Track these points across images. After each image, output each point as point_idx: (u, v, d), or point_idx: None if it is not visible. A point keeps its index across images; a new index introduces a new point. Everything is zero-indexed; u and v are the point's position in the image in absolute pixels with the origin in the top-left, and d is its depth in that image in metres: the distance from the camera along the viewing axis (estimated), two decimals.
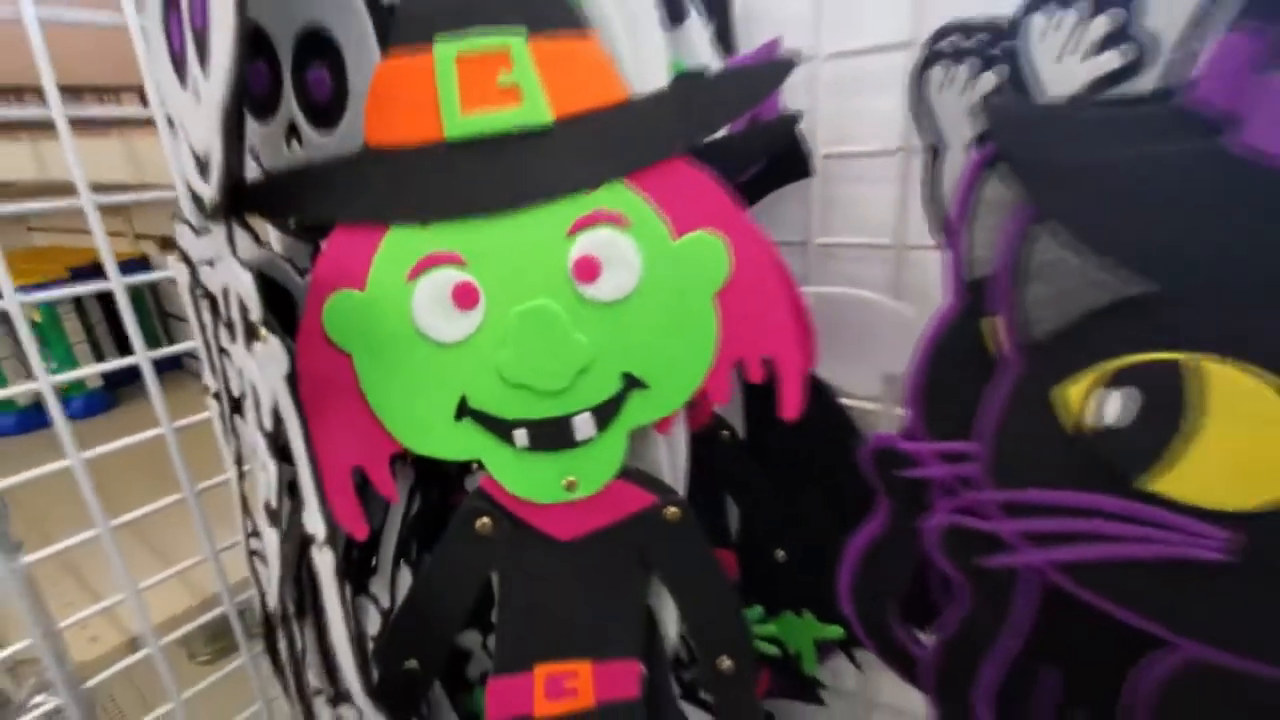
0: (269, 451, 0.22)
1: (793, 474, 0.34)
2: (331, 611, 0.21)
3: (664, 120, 0.23)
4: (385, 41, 0.22)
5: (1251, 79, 0.17)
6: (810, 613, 0.37)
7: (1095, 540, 0.20)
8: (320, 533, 0.21)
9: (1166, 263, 0.18)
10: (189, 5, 0.20)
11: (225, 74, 0.18)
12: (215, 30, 0.18)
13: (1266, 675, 0.19)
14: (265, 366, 0.20)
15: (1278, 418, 0.17)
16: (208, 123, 0.20)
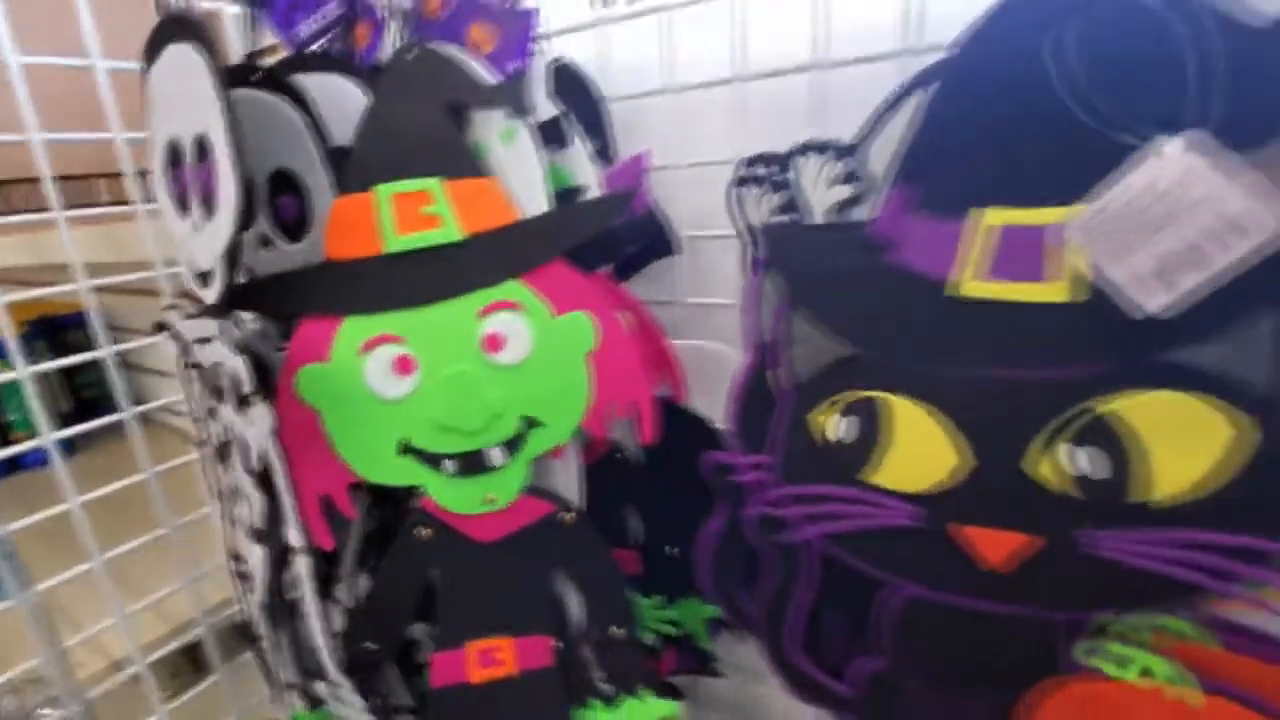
0: (255, 486, 0.30)
1: (677, 484, 0.43)
2: (308, 603, 0.29)
3: (544, 235, 0.32)
4: (340, 184, 0.31)
5: (902, 219, 0.27)
6: (699, 597, 0.46)
7: (841, 517, 0.29)
8: (299, 543, 0.29)
9: (860, 335, 0.28)
10: (197, 171, 0.28)
11: (230, 229, 0.26)
12: (223, 198, 0.26)
13: (954, 603, 0.28)
14: (256, 424, 0.28)
15: (930, 432, 0.27)
16: (211, 250, 0.28)
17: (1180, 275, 0.22)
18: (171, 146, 0.30)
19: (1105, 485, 0.24)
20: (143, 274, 0.43)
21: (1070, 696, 0.26)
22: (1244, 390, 0.22)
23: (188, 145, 0.29)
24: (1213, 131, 0.21)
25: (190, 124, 0.28)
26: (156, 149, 0.31)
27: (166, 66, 0.28)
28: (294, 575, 0.29)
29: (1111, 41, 0.23)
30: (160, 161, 0.31)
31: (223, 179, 0.26)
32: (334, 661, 0.30)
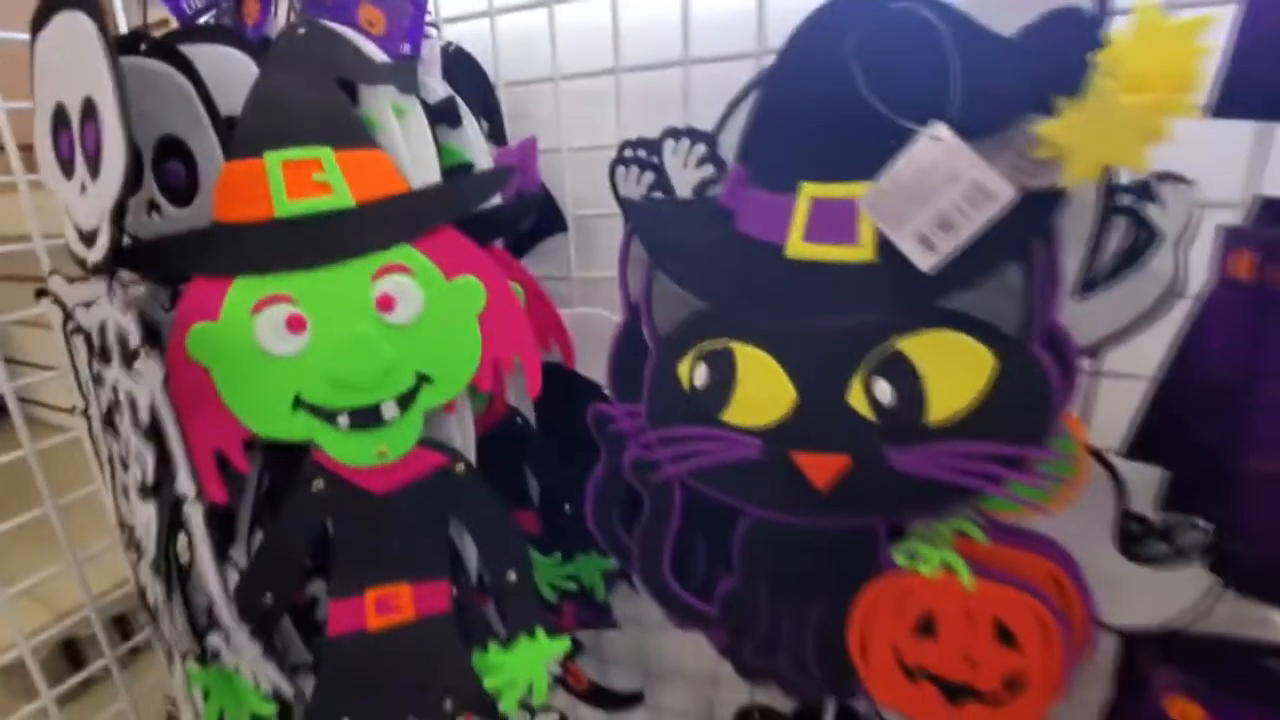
0: (145, 441, 0.31)
1: (570, 445, 0.46)
2: (201, 550, 0.30)
3: (434, 203, 0.34)
4: (228, 150, 0.32)
5: (741, 192, 0.32)
6: (595, 552, 0.49)
7: (701, 454, 0.34)
8: (191, 492, 0.30)
9: (711, 292, 0.32)
10: (81, 132, 0.29)
11: (117, 186, 0.27)
12: (109, 157, 0.27)
13: (793, 522, 0.33)
14: (145, 377, 0.29)
15: (770, 374, 0.32)
16: (98, 210, 0.29)
17: (943, 236, 0.27)
18: (57, 111, 0.30)
19: (900, 409, 0.29)
20: (19, 246, 0.42)
21: (888, 590, 0.32)
22: (997, 327, 0.28)
23: (74, 109, 0.29)
24: (970, 119, 0.26)
25: (77, 88, 0.28)
26: (42, 115, 0.31)
27: (54, 34, 0.29)
28: (187, 525, 0.30)
29: (897, 45, 0.28)
30: (45, 126, 0.31)
31: (110, 139, 0.27)
32: (229, 608, 0.32)
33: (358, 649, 0.36)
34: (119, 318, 0.30)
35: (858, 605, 0.32)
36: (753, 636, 0.35)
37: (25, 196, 0.42)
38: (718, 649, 0.38)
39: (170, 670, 0.40)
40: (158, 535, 0.32)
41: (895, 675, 0.33)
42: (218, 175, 0.32)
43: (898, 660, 0.32)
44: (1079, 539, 0.32)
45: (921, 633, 0.32)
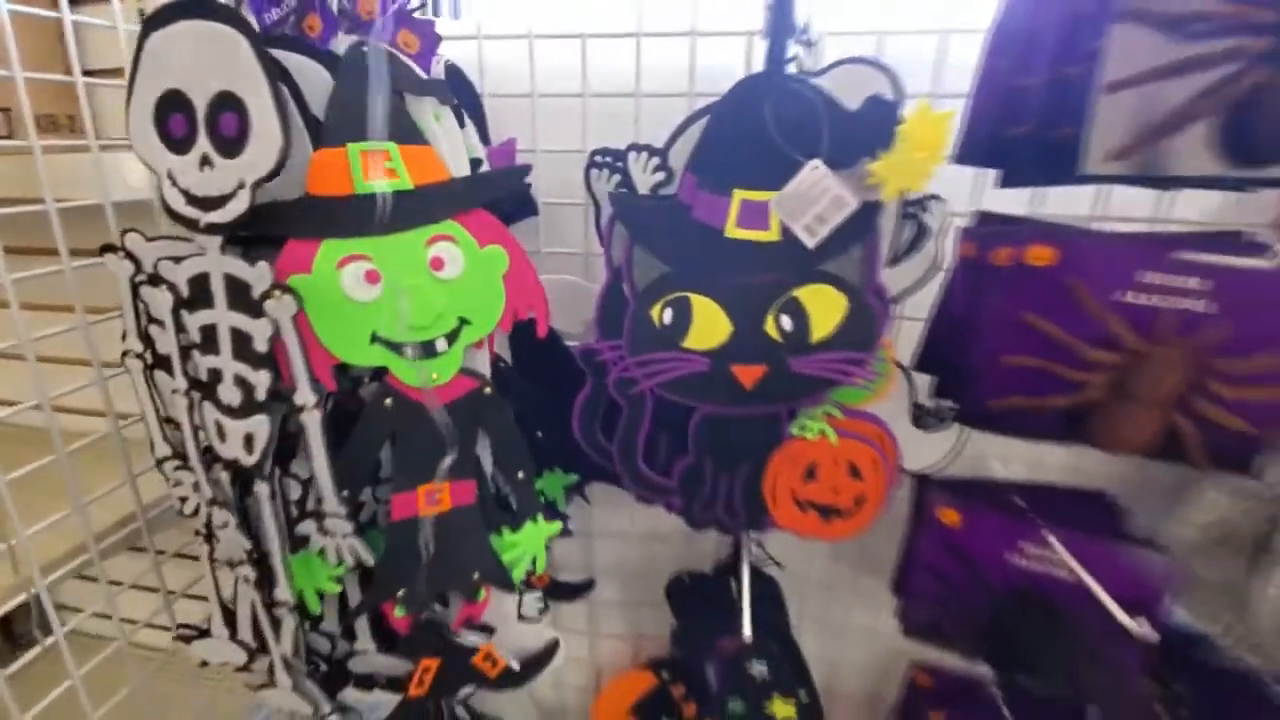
0: (257, 366, 0.40)
1: (540, 383, 0.59)
2: (317, 446, 0.40)
3: (472, 189, 0.46)
4: (316, 141, 0.41)
5: (693, 192, 0.48)
6: (559, 469, 0.63)
7: (667, 371, 0.49)
8: (310, 401, 0.39)
9: (674, 259, 0.48)
10: (213, 119, 0.37)
11: (270, 164, 0.36)
12: (260, 142, 0.36)
13: (729, 413, 0.50)
14: (279, 312, 0.38)
15: (714, 314, 0.48)
16: (231, 181, 0.37)
17: (819, 226, 0.45)
18: (169, 98, 0.38)
19: (795, 334, 0.47)
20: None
21: (786, 453, 0.50)
22: (849, 283, 0.47)
23: (201, 99, 0.37)
24: (833, 158, 0.44)
25: (210, 82, 0.36)
26: (144, 98, 0.38)
27: (179, 35, 0.36)
28: (304, 428, 0.40)
29: (792, 109, 0.45)
30: (148, 108, 0.38)
31: (263, 127, 0.35)
32: (335, 490, 0.41)
33: (411, 532, 0.47)
34: (242, 268, 0.38)
35: (769, 465, 0.50)
36: (700, 496, 0.52)
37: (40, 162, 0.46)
38: (672, 510, 0.54)
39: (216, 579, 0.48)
40: (268, 441, 0.40)
41: (792, 508, 0.51)
42: (267, 128, 0.39)
43: (793, 498, 0.51)
44: (891, 416, 0.52)
45: (807, 478, 0.50)
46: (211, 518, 0.45)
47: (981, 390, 0.46)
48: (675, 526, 0.70)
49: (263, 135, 0.36)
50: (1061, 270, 0.41)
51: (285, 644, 0.46)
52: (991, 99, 0.46)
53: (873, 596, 0.69)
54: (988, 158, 0.47)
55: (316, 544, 0.44)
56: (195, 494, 0.46)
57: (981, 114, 0.47)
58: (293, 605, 0.46)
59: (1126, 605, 0.49)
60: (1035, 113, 0.42)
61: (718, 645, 0.58)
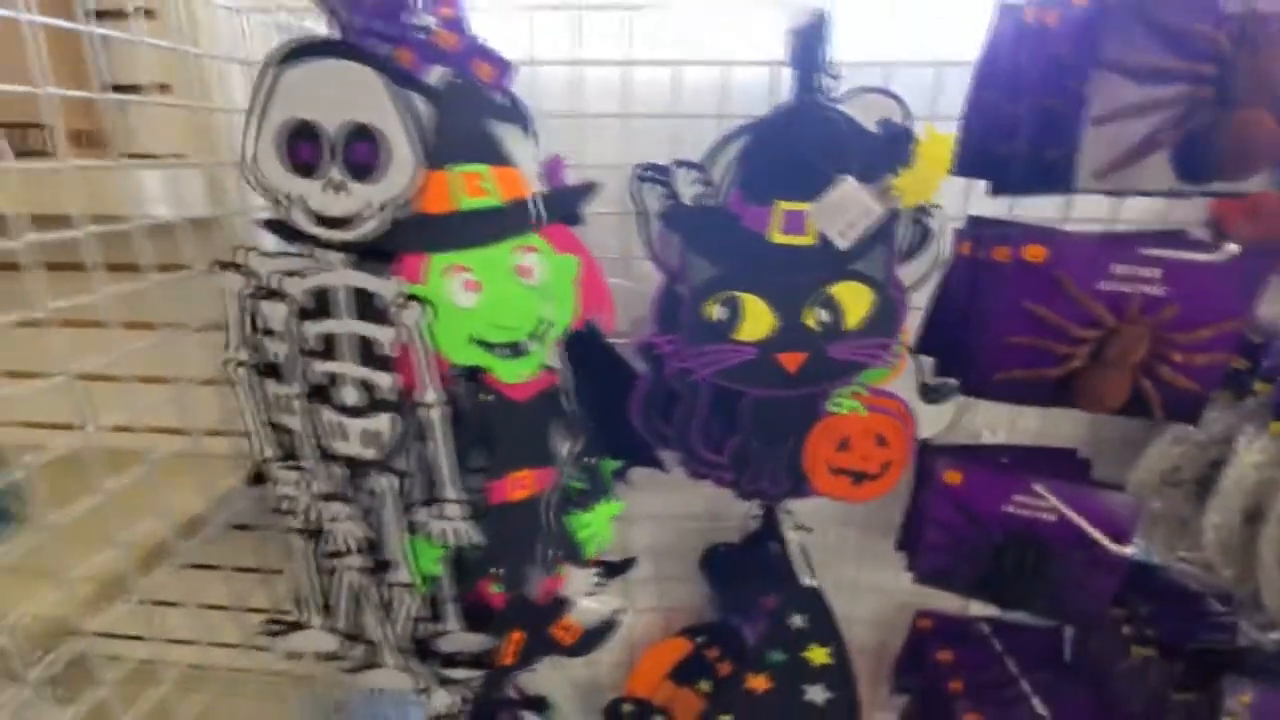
0: (382, 369, 0.44)
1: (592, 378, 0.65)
2: (441, 440, 0.44)
3: (551, 204, 0.52)
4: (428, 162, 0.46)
5: (741, 204, 0.55)
6: (609, 457, 0.68)
7: (721, 361, 0.56)
8: (435, 399, 0.44)
9: (727, 262, 0.55)
10: (347, 148, 0.41)
11: (401, 189, 0.41)
12: (394, 171, 0.41)
13: (774, 395, 0.57)
14: (409, 319, 0.42)
15: (760, 309, 0.55)
16: (360, 203, 0.42)
17: (850, 232, 0.53)
18: (300, 127, 0.42)
19: (831, 324, 0.55)
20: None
21: (823, 427, 0.58)
22: (874, 279, 0.55)
23: (333, 128, 0.41)
24: (861, 173, 0.52)
25: (345, 114, 0.41)
26: (273, 125, 0.42)
27: (314, 71, 0.40)
28: (430, 424, 0.44)
29: (827, 131, 0.53)
30: (279, 135, 0.42)
31: (398, 155, 0.40)
32: (453, 480, 0.46)
33: (505, 513, 0.52)
34: (371, 280, 0.43)
35: (808, 439, 0.58)
36: (748, 470, 0.59)
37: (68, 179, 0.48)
38: (722, 484, 0.61)
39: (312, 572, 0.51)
40: (393, 437, 0.45)
41: (827, 475, 0.59)
42: (402, 156, 0.44)
43: (828, 466, 0.59)
44: (905, 392, 0.61)
45: (841, 448, 0.58)
46: (322, 512, 0.49)
47: (986, 365, 0.55)
48: (704, 507, 0.78)
49: (398, 162, 0.41)
50: (1051, 265, 0.50)
51: (399, 625, 0.51)
52: (983, 122, 0.55)
53: (878, 556, 0.78)
54: (982, 171, 0.56)
55: (435, 528, 0.48)
56: (301, 491, 0.49)
57: (975, 134, 0.56)
58: (413, 587, 0.50)
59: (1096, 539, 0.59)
60: (1024, 135, 0.51)
61: (760, 602, 0.65)
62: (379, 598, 0.51)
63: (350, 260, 0.44)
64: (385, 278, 0.43)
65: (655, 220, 0.61)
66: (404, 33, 0.43)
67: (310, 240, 0.43)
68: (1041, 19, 0.49)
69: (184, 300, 0.53)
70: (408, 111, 0.41)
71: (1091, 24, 0.43)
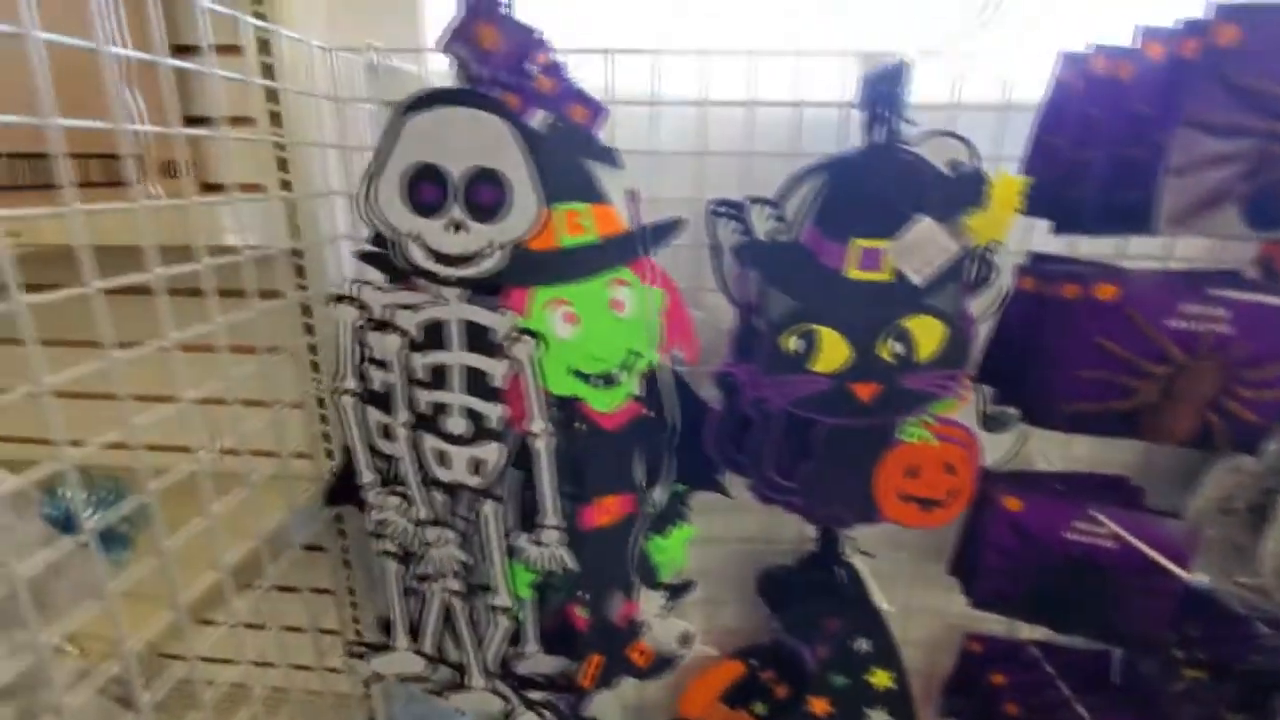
0: (492, 400, 0.46)
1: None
2: (546, 470, 0.46)
3: (641, 239, 0.54)
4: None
5: (818, 241, 0.57)
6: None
7: (796, 390, 0.58)
8: (542, 428, 0.46)
9: (804, 296, 0.57)
10: (469, 190, 0.43)
11: (524, 229, 0.43)
12: (517, 212, 0.43)
13: (849, 424, 0.59)
14: (520, 353, 0.44)
15: (836, 341, 0.57)
16: (482, 242, 0.43)
17: (926, 269, 0.56)
18: (424, 170, 0.44)
19: (905, 356, 0.57)
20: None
21: (894, 456, 0.59)
22: (946, 313, 0.57)
23: (457, 171, 0.43)
24: (937, 213, 0.55)
25: (470, 158, 0.43)
26: (397, 166, 0.44)
27: (441, 118, 0.42)
28: (535, 452, 0.46)
29: (905, 173, 0.55)
30: (403, 176, 0.44)
31: (522, 199, 0.42)
32: (554, 507, 0.47)
33: (593, 538, 0.53)
34: (484, 314, 0.44)
35: (879, 466, 0.60)
36: (819, 495, 0.61)
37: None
38: (791, 510, 0.63)
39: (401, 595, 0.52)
40: (498, 465, 0.46)
41: (897, 501, 0.61)
42: (526, 199, 0.46)
43: (898, 493, 0.60)
44: (966, 421, 0.63)
45: (910, 476, 0.60)
46: (422, 537, 0.50)
47: (1055, 398, 0.57)
48: (758, 529, 0.79)
49: (521, 205, 0.43)
50: (1123, 303, 0.53)
51: (493, 648, 0.52)
52: (1049, 165, 0.58)
53: (929, 579, 0.80)
54: (1048, 211, 0.59)
55: (533, 554, 0.49)
56: (400, 516, 0.51)
57: (1043, 177, 0.58)
58: (510, 610, 0.51)
59: (1156, 565, 0.61)
60: (1096, 180, 0.53)
61: (823, 625, 0.67)
62: (471, 620, 0.52)
63: (464, 295, 0.46)
64: (497, 312, 0.45)
65: (728, 254, 0.63)
66: (519, 80, 0.46)
67: (422, 274, 0.45)
68: (1113, 71, 0.52)
69: (272, 327, 0.54)
70: (532, 158, 0.43)
71: (1171, 80, 0.46)
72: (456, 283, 0.45)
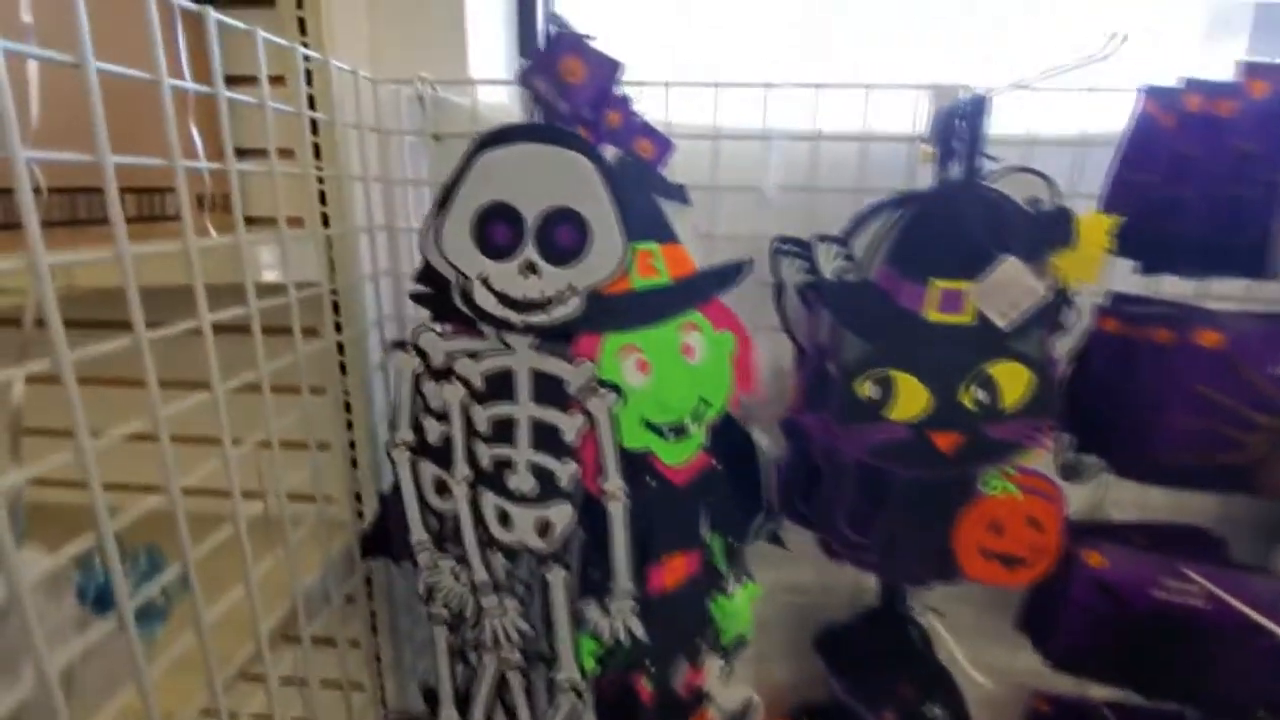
0: (564, 457, 0.42)
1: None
2: (621, 533, 0.42)
3: (712, 281, 0.50)
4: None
5: (895, 281, 0.54)
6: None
7: (872, 439, 0.54)
8: (620, 488, 0.42)
9: (879, 340, 0.53)
10: (545, 231, 0.40)
11: (608, 273, 0.39)
12: (599, 255, 0.39)
13: (927, 476, 0.55)
14: (606, 406, 0.41)
15: (915, 388, 0.54)
16: (558, 285, 0.40)
17: (1012, 312, 0.52)
18: (494, 209, 0.41)
19: (989, 404, 0.54)
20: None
21: (976, 510, 0.56)
22: (1033, 358, 0.54)
23: (531, 212, 0.40)
24: (1025, 253, 0.52)
25: (548, 199, 0.39)
26: (465, 206, 0.41)
27: (518, 155, 0.39)
28: (610, 514, 0.42)
29: (989, 211, 0.52)
30: (471, 215, 0.41)
31: (605, 242, 0.39)
32: (627, 573, 0.43)
33: (662, 601, 0.49)
34: (558, 365, 0.41)
35: (960, 521, 0.56)
36: (895, 552, 0.57)
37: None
38: (864, 567, 0.59)
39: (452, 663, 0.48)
40: (568, 528, 0.42)
41: (978, 559, 0.56)
42: (611, 241, 0.43)
43: (980, 550, 0.56)
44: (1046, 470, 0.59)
45: (993, 532, 0.56)
46: (477, 603, 0.46)
47: (1151, 450, 0.54)
48: (812, 580, 0.75)
49: (604, 247, 0.40)
50: (1229, 350, 0.49)
51: None
52: (1138, 204, 0.55)
53: (993, 634, 0.75)
54: (1136, 251, 0.56)
55: (603, 625, 0.45)
56: (453, 581, 0.47)
57: (1128, 216, 0.55)
58: (577, 686, 0.47)
59: (1252, 625, 0.57)
60: (1193, 219, 0.50)
61: (898, 690, 0.62)
62: (528, 694, 0.47)
63: (532, 342, 0.42)
64: (572, 363, 0.41)
65: (792, 293, 0.60)
66: (598, 117, 0.43)
67: (487, 320, 0.42)
68: (1211, 107, 0.49)
69: (308, 367, 0.51)
70: (617, 197, 0.40)
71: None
72: (523, 329, 0.41)
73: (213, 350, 0.39)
